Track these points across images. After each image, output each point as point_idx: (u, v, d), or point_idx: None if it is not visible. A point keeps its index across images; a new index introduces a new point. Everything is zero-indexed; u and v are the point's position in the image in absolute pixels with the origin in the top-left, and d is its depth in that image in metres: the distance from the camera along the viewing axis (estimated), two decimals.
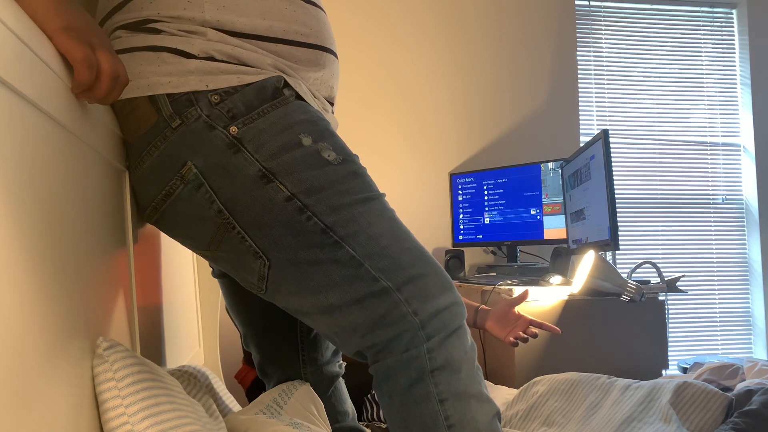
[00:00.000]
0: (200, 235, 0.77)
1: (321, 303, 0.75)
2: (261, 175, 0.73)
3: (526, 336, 1.38)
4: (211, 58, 0.75)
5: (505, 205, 2.44)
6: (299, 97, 0.80)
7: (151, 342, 0.91)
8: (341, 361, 1.16)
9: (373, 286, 0.73)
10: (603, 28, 2.91)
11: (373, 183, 0.80)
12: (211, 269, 1.12)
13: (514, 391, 1.58)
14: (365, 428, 1.18)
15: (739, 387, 1.39)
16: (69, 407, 0.52)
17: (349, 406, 1.16)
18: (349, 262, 0.73)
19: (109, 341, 0.61)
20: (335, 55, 0.90)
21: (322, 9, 0.88)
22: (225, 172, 0.73)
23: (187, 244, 0.82)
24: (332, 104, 0.93)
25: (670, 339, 2.81)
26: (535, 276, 2.12)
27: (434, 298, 0.74)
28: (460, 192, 2.58)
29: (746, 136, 2.96)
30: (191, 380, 0.88)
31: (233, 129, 0.73)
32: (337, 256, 0.73)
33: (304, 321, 0.82)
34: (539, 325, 1.41)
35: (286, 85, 0.79)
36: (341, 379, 1.16)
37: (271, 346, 1.09)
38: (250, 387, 1.76)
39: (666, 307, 1.88)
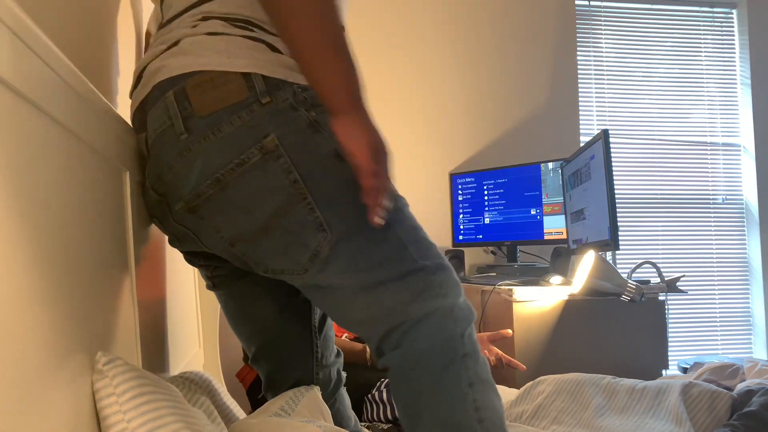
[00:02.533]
0: (263, 206, 0.80)
1: (368, 279, 0.80)
2: (336, 153, 0.81)
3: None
4: None
5: (505, 205, 2.44)
6: None
7: (152, 342, 0.91)
8: (342, 368, 1.14)
9: (414, 265, 0.81)
10: (603, 28, 2.91)
11: None
12: (206, 282, 1.07)
13: (515, 391, 1.58)
14: (366, 429, 1.18)
15: (739, 387, 1.39)
16: (69, 415, 0.52)
17: (352, 412, 1.16)
18: (397, 243, 0.82)
19: (107, 356, 0.60)
20: None
21: None
22: (304, 147, 0.80)
23: (237, 220, 0.81)
24: None
25: (670, 339, 2.80)
26: (535, 276, 2.12)
27: (457, 288, 0.84)
28: (460, 192, 2.58)
29: (746, 136, 2.96)
30: (191, 386, 0.88)
31: (313, 114, 0.82)
32: (388, 236, 0.82)
33: (335, 302, 0.83)
34: (507, 361, 1.56)
35: None
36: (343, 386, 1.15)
37: (287, 351, 1.06)
38: (251, 387, 1.76)
39: (666, 307, 1.88)
